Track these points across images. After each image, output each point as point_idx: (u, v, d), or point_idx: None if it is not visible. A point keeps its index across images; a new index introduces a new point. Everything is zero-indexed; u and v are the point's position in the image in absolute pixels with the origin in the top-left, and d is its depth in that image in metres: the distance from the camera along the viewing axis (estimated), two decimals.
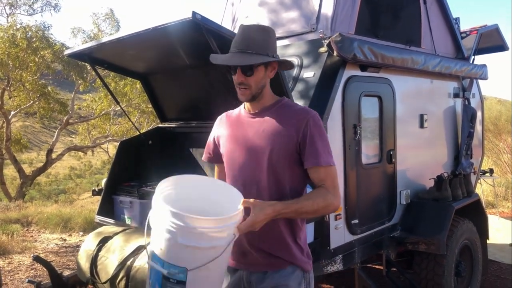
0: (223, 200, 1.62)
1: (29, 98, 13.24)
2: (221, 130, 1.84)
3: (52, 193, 23.47)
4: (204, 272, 1.45)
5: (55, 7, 13.47)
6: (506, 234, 6.29)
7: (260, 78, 1.66)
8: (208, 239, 1.42)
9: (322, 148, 1.64)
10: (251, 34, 1.65)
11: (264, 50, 1.63)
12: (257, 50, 1.62)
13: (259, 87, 1.68)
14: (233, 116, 1.84)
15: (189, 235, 1.39)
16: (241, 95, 1.68)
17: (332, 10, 3.26)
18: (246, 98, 1.69)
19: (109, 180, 3.68)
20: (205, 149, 1.93)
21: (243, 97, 1.69)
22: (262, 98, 1.72)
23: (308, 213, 1.63)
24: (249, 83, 1.65)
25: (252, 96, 1.68)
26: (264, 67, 1.67)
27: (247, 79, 1.64)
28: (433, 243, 3.51)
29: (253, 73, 1.64)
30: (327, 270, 3.04)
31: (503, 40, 5.33)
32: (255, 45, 1.62)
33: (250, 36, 1.64)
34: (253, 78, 1.64)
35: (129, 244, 2.68)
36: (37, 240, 6.56)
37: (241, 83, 1.65)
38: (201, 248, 1.41)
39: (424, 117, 4.02)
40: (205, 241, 1.42)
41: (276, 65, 1.72)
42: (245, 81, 1.64)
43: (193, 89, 3.59)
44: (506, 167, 10.30)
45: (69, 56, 3.42)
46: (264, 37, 1.65)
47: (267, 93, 1.74)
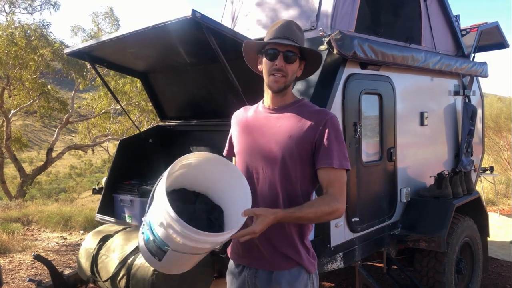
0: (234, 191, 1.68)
1: (29, 97, 13.22)
2: (236, 125, 1.86)
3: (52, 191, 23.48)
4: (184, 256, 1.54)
5: (54, 6, 13.44)
6: (507, 231, 6.29)
7: (296, 69, 1.70)
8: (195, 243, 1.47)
9: (338, 151, 1.64)
10: (293, 27, 1.70)
11: (303, 44, 1.70)
12: (299, 42, 1.69)
13: (292, 79, 1.71)
14: (250, 111, 1.84)
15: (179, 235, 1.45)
16: (275, 81, 1.68)
17: (332, 7, 3.25)
18: (279, 86, 1.69)
19: (109, 178, 3.68)
20: (227, 144, 1.95)
21: (276, 84, 1.68)
22: (286, 94, 1.74)
23: (311, 220, 1.63)
24: (287, 71, 1.67)
25: (284, 86, 1.70)
26: (299, 62, 1.71)
27: (287, 66, 1.67)
28: (434, 241, 3.51)
29: (295, 61, 1.68)
30: (328, 268, 3.04)
31: (503, 37, 5.31)
32: (297, 38, 1.68)
33: (293, 29, 1.70)
34: (291, 67, 1.68)
35: (129, 243, 2.69)
36: (37, 239, 6.57)
37: (280, 69, 1.66)
38: (186, 245, 1.48)
39: (425, 115, 4.01)
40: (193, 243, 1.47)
41: (303, 66, 1.75)
42: (284, 67, 1.66)
43: (193, 87, 3.58)
44: (506, 164, 10.30)
45: (68, 55, 3.42)
46: (302, 35, 1.73)
47: (290, 90, 1.76)
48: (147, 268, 2.42)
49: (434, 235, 3.53)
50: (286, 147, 1.65)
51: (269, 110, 1.76)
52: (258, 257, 1.70)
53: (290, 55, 1.66)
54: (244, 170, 1.74)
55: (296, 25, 1.73)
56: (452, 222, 3.69)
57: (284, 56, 1.66)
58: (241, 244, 1.75)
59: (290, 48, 1.66)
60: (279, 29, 1.69)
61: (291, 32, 1.68)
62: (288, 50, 1.66)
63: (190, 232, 1.44)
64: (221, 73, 2.78)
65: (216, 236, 1.49)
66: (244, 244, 1.73)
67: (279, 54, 1.66)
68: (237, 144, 1.82)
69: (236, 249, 1.80)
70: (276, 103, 1.75)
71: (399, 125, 3.68)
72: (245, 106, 1.91)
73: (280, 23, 1.71)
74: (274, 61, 1.66)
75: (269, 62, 1.68)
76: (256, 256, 1.70)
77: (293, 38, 1.67)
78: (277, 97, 1.73)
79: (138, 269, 2.46)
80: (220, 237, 1.49)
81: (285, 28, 1.68)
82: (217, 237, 1.49)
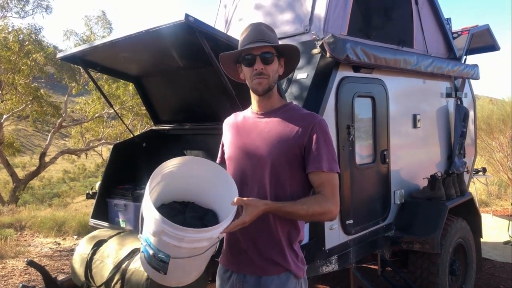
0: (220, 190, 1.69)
1: (21, 102, 13.14)
2: (227, 132, 1.87)
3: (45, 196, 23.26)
4: (186, 261, 1.53)
5: (46, 9, 13.37)
6: (500, 232, 6.33)
7: (276, 69, 1.71)
8: (190, 242, 1.48)
9: (327, 154, 1.64)
10: (263, 28, 1.71)
11: (277, 43, 1.71)
12: (272, 42, 1.69)
13: (275, 79, 1.71)
14: (239, 117, 1.85)
15: (172, 237, 1.46)
16: (259, 84, 1.69)
17: (324, 11, 3.27)
18: (263, 88, 1.69)
19: (103, 183, 3.66)
20: (219, 151, 1.95)
21: (260, 86, 1.69)
22: (272, 96, 1.74)
23: (302, 217, 1.63)
24: (267, 72, 1.68)
25: (269, 87, 1.70)
26: (278, 61, 1.71)
27: (266, 68, 1.67)
28: (428, 242, 3.53)
29: (272, 62, 1.68)
30: (323, 270, 3.04)
31: (494, 40, 5.37)
32: (269, 38, 1.69)
33: (263, 30, 1.70)
34: (271, 67, 1.68)
35: (123, 247, 2.67)
36: (30, 245, 6.52)
37: (261, 72, 1.67)
38: (183, 248, 1.48)
39: (417, 117, 4.04)
40: (187, 243, 1.48)
41: (283, 63, 1.75)
42: (264, 70, 1.67)
43: (187, 91, 3.58)
44: (499, 165, 10.36)
45: (61, 59, 3.41)
46: (273, 34, 1.73)
47: (276, 93, 1.76)
48: (141, 273, 2.41)
49: (427, 237, 3.54)
50: (275, 152, 1.66)
51: (258, 115, 1.76)
52: (246, 262, 1.70)
53: (267, 56, 1.66)
54: (234, 175, 1.75)
55: (266, 26, 1.74)
56: (446, 223, 3.72)
57: (261, 58, 1.66)
58: (229, 250, 1.75)
59: (265, 49, 1.67)
60: (249, 34, 1.70)
61: (262, 34, 1.68)
62: (264, 51, 1.66)
63: (178, 231, 1.44)
64: (215, 77, 2.78)
65: (206, 231, 1.49)
66: (233, 249, 1.73)
67: (256, 58, 1.66)
68: (228, 149, 1.82)
69: (225, 255, 1.80)
70: (263, 108, 1.75)
71: (392, 128, 3.70)
72: (236, 112, 1.92)
73: (249, 28, 1.72)
74: (252, 66, 1.67)
75: (248, 68, 1.69)
76: (245, 261, 1.70)
77: (265, 39, 1.67)
78: (264, 100, 1.74)
79: (132, 273, 2.45)
80: (210, 231, 1.48)
81: (255, 32, 1.69)
82: (207, 232, 1.48)
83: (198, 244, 1.49)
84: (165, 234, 1.46)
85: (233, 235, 1.72)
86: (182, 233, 1.45)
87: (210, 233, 1.49)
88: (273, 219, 1.66)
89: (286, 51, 1.74)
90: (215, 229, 1.49)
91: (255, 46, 1.66)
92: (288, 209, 1.58)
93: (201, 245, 1.50)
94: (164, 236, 1.46)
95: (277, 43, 1.71)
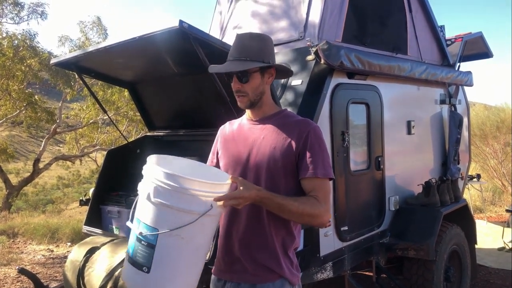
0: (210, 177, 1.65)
1: (15, 107, 13.07)
2: (222, 140, 1.87)
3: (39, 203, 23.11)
4: (176, 241, 1.45)
5: (41, 15, 13.34)
6: (494, 238, 6.35)
7: (257, 84, 1.68)
8: (181, 201, 1.43)
9: (321, 160, 1.64)
10: (245, 42, 1.68)
11: (259, 57, 1.65)
12: (251, 57, 1.64)
13: (257, 94, 1.69)
14: (235, 125, 1.85)
15: (165, 192, 1.43)
16: (240, 102, 1.70)
17: (319, 18, 3.28)
18: (245, 105, 1.70)
19: (96, 189, 3.64)
20: (209, 157, 1.95)
21: (241, 104, 1.70)
22: (263, 105, 1.74)
23: (292, 214, 1.59)
24: (245, 90, 1.67)
25: (251, 103, 1.69)
26: (261, 74, 1.68)
27: (243, 86, 1.66)
28: (422, 249, 3.53)
29: (248, 80, 1.66)
30: (317, 277, 3.03)
31: (488, 47, 5.41)
32: (249, 52, 1.64)
33: (244, 44, 1.67)
34: (249, 85, 1.66)
35: (116, 255, 2.65)
36: (23, 252, 6.45)
37: (238, 90, 1.67)
38: (173, 209, 1.43)
39: (412, 124, 4.05)
40: (177, 202, 1.43)
41: (274, 72, 1.73)
42: (242, 88, 1.66)
43: (181, 98, 3.58)
44: (493, 172, 10.42)
45: (55, 65, 3.39)
46: (259, 45, 1.68)
47: (267, 100, 1.75)
48: None
49: (422, 244, 3.54)
50: (270, 159, 1.65)
51: (253, 122, 1.77)
52: (240, 270, 1.68)
53: (242, 76, 1.65)
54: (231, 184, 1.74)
55: (251, 37, 1.70)
56: (440, 230, 3.72)
57: (238, 78, 1.66)
58: (223, 258, 1.73)
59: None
60: (232, 49, 1.69)
61: (242, 50, 1.65)
62: (240, 71, 1.65)
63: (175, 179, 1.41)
64: (209, 83, 2.78)
65: (208, 185, 1.45)
66: (226, 258, 1.71)
67: (232, 76, 1.67)
68: (223, 157, 1.82)
69: (218, 265, 1.78)
70: (256, 115, 1.76)
71: (387, 134, 3.71)
72: (230, 121, 1.92)
73: (233, 43, 1.70)
74: (231, 83, 1.69)
75: (231, 84, 1.70)
76: (239, 270, 1.68)
77: (243, 56, 1.64)
78: (255, 110, 1.75)
79: None
80: (213, 187, 1.46)
81: (236, 47, 1.67)
82: (208, 187, 1.45)
83: (191, 207, 1.43)
84: (156, 191, 1.44)
85: (226, 243, 1.71)
86: (178, 181, 1.41)
87: (213, 189, 1.46)
88: (268, 226, 1.65)
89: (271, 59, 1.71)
90: (217, 185, 1.47)
91: (222, 71, 1.67)
92: (279, 200, 1.56)
93: (193, 209, 1.43)
94: (153, 194, 1.44)
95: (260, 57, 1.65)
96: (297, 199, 1.60)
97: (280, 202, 1.56)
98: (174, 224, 1.43)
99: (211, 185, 1.48)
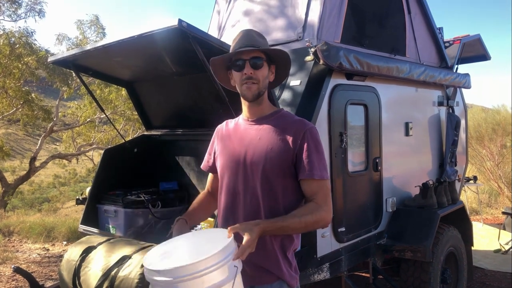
0: (211, 242, 1.51)
1: (12, 105, 13.01)
2: (218, 140, 1.86)
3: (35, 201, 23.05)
4: None
5: (39, 13, 13.28)
6: (490, 240, 6.37)
7: (266, 74, 1.70)
8: (209, 281, 1.33)
9: (318, 161, 1.64)
10: (253, 34, 1.72)
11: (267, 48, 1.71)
12: (262, 47, 1.69)
13: (265, 85, 1.71)
14: (231, 125, 1.85)
15: (189, 284, 1.31)
16: (248, 89, 1.68)
17: (318, 19, 3.28)
18: (253, 94, 1.69)
19: (93, 188, 3.62)
20: (205, 158, 1.94)
21: (249, 91, 1.68)
22: (262, 103, 1.74)
23: (296, 230, 1.61)
24: (257, 77, 1.67)
25: (258, 93, 1.69)
26: (268, 67, 1.71)
27: (256, 73, 1.66)
28: (419, 251, 3.53)
29: (262, 67, 1.67)
30: (314, 278, 3.03)
31: (485, 50, 5.42)
32: (259, 44, 1.69)
33: (253, 36, 1.71)
34: (261, 72, 1.67)
35: (113, 254, 2.63)
36: (19, 250, 6.42)
37: (250, 77, 1.66)
38: None
39: (409, 125, 4.06)
40: (207, 284, 1.33)
41: (274, 70, 1.76)
42: (254, 74, 1.66)
43: (179, 97, 3.56)
44: (489, 174, 10.45)
45: (53, 63, 3.37)
46: (264, 40, 1.74)
47: (266, 99, 1.76)
48: (131, 280, 2.37)
49: (419, 245, 3.54)
50: (267, 159, 1.65)
51: (249, 122, 1.76)
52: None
53: (256, 61, 1.66)
54: (226, 183, 1.74)
55: (256, 32, 1.75)
56: (437, 232, 3.72)
57: (251, 63, 1.66)
58: None
59: (255, 54, 1.67)
60: (239, 40, 1.71)
61: (252, 39, 1.69)
62: (253, 56, 1.66)
63: (185, 270, 1.29)
64: (208, 82, 2.77)
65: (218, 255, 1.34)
66: None
67: (245, 62, 1.66)
68: (219, 157, 1.81)
69: None
70: (254, 114, 1.75)
71: (385, 135, 3.71)
72: (227, 120, 1.91)
73: (239, 35, 1.73)
74: (242, 71, 1.67)
75: (238, 73, 1.69)
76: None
77: (255, 44, 1.68)
78: (254, 107, 1.74)
79: (121, 281, 2.41)
80: (224, 253, 1.35)
81: (245, 38, 1.70)
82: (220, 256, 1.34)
83: (221, 279, 1.33)
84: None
85: None
86: (192, 268, 1.29)
87: (226, 254, 1.36)
88: None
89: (275, 56, 1.74)
90: (223, 253, 1.35)
91: (243, 50, 1.66)
92: (280, 223, 1.55)
93: (224, 281, 1.34)
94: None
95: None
96: (296, 214, 1.59)
97: (282, 225, 1.56)
98: None
99: (222, 253, 1.37)
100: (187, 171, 3.76)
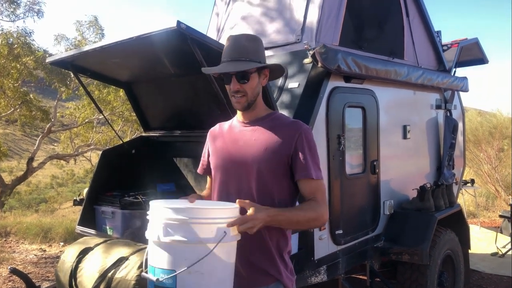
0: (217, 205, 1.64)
1: (10, 106, 12.99)
2: (212, 142, 1.86)
3: (32, 202, 22.99)
4: (197, 278, 1.37)
5: (38, 13, 13.26)
6: (487, 244, 6.37)
7: (255, 85, 1.69)
8: (193, 233, 1.37)
9: (312, 162, 1.66)
10: (242, 42, 1.67)
11: (256, 57, 1.67)
12: (250, 58, 1.65)
13: (254, 94, 1.70)
14: (225, 127, 1.85)
15: (174, 228, 1.37)
16: (237, 103, 1.68)
17: (316, 21, 3.28)
18: (242, 106, 1.69)
19: (90, 189, 3.61)
20: (201, 161, 1.94)
21: (238, 105, 1.69)
22: (256, 107, 1.74)
23: (300, 223, 1.64)
24: (245, 90, 1.66)
25: (248, 104, 1.69)
26: (258, 75, 1.69)
27: (243, 87, 1.65)
28: (416, 254, 3.53)
29: (249, 80, 1.65)
30: (311, 281, 3.02)
31: (483, 53, 5.44)
32: (247, 53, 1.65)
33: (241, 45, 1.66)
34: (248, 85, 1.66)
35: (110, 256, 2.63)
36: (15, 251, 6.40)
37: (237, 91, 1.66)
38: (186, 243, 1.37)
39: (407, 128, 4.06)
40: (189, 234, 1.37)
41: (268, 72, 1.74)
42: (241, 88, 1.66)
43: (177, 98, 3.56)
44: (486, 177, 10.47)
45: (51, 64, 3.37)
46: (255, 46, 1.69)
47: (260, 103, 1.76)
48: (127, 282, 2.37)
49: (416, 248, 3.55)
50: (262, 160, 1.66)
51: (244, 124, 1.76)
52: (236, 275, 1.68)
53: (243, 74, 1.64)
54: (221, 185, 1.74)
55: (247, 38, 1.70)
56: (435, 235, 3.72)
57: (238, 78, 1.65)
58: None
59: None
60: (228, 50, 1.68)
61: (240, 49, 1.65)
62: (240, 70, 1.64)
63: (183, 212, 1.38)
64: (206, 84, 2.78)
65: (216, 211, 1.44)
66: None
67: (231, 77, 1.65)
68: (214, 159, 1.81)
69: None
70: (248, 117, 1.76)
71: (382, 138, 3.71)
72: (220, 123, 1.91)
73: (228, 44, 1.69)
74: (229, 84, 1.67)
75: (227, 85, 1.69)
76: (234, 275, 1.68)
77: (242, 56, 1.64)
78: (247, 112, 1.74)
79: (118, 283, 2.41)
80: (222, 213, 1.43)
81: (233, 48, 1.66)
82: (217, 213, 1.43)
83: (203, 235, 1.37)
84: (165, 229, 1.38)
85: None
86: (186, 213, 1.38)
87: (222, 213, 1.43)
88: (263, 227, 1.64)
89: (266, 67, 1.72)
90: (221, 212, 1.44)
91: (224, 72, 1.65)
92: (288, 214, 1.59)
93: (206, 239, 1.37)
94: (163, 232, 1.38)
95: (257, 58, 1.66)
96: (301, 208, 1.64)
97: (289, 215, 1.59)
98: (191, 260, 1.35)
99: (220, 211, 1.45)
100: (184, 172, 3.76)
